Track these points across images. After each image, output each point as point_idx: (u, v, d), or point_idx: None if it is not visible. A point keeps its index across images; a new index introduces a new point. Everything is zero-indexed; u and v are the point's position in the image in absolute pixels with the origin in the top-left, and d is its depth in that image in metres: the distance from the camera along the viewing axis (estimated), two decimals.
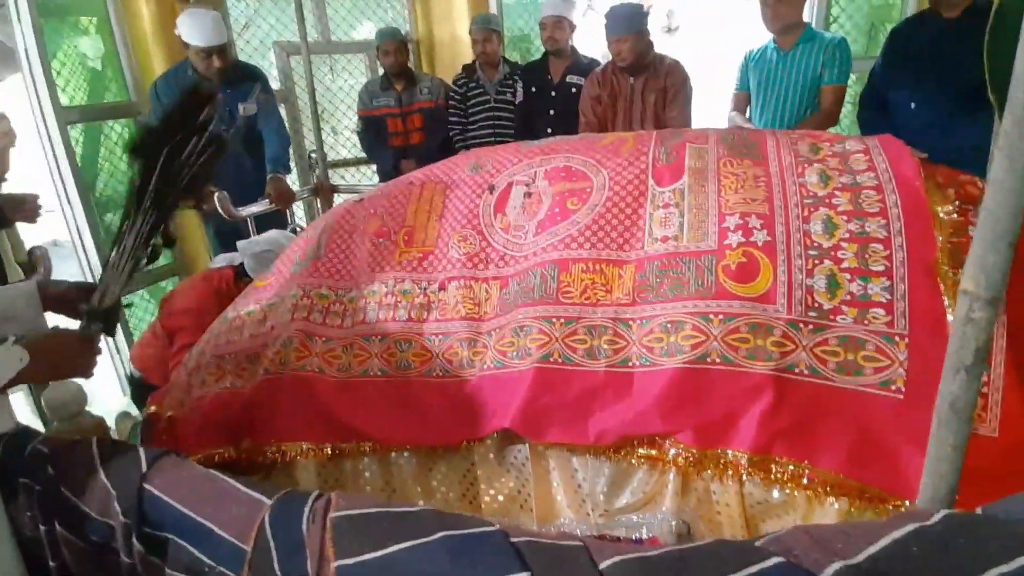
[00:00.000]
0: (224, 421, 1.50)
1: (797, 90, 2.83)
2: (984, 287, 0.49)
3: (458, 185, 1.63)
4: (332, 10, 3.88)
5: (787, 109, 2.87)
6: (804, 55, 2.79)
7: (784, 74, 2.85)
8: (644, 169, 1.45)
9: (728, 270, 1.24)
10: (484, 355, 1.36)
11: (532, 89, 3.36)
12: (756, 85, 2.95)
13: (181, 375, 1.69)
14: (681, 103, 2.89)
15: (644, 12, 2.90)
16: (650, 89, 2.88)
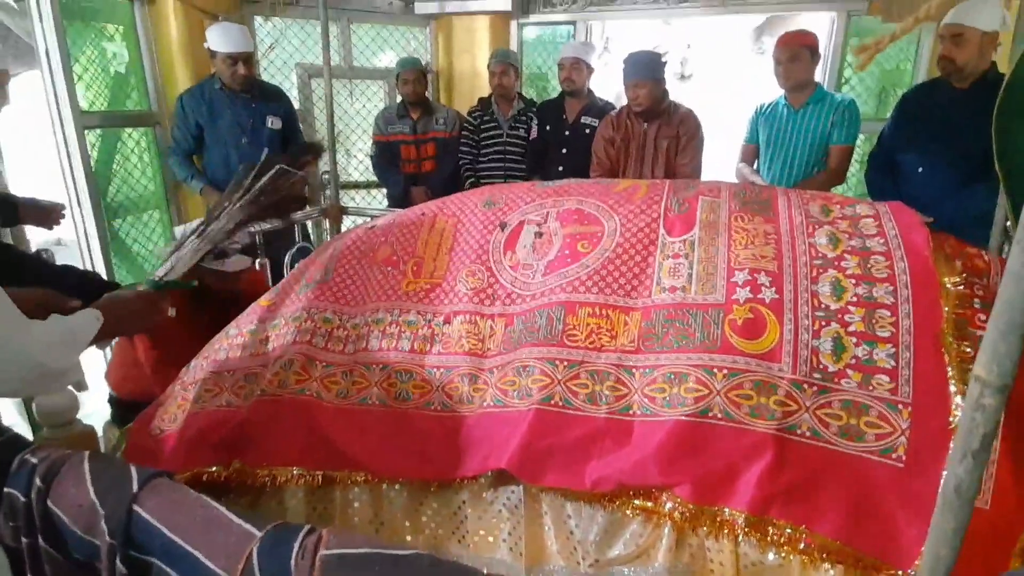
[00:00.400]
0: (216, 440, 1.48)
1: (806, 147, 2.88)
2: (996, 375, 0.50)
3: (470, 220, 1.64)
4: (356, 37, 3.97)
5: (795, 165, 2.92)
6: (814, 114, 2.85)
7: (794, 131, 2.90)
8: (656, 218, 1.46)
9: (735, 325, 1.24)
10: (485, 392, 1.36)
11: (547, 127, 3.42)
12: (765, 139, 3.01)
13: (176, 390, 1.68)
14: (692, 152, 2.94)
15: (662, 60, 2.96)
16: (663, 135, 2.92)
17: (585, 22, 3.88)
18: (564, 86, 3.34)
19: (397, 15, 3.98)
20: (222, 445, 1.47)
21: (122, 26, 3.20)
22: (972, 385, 0.52)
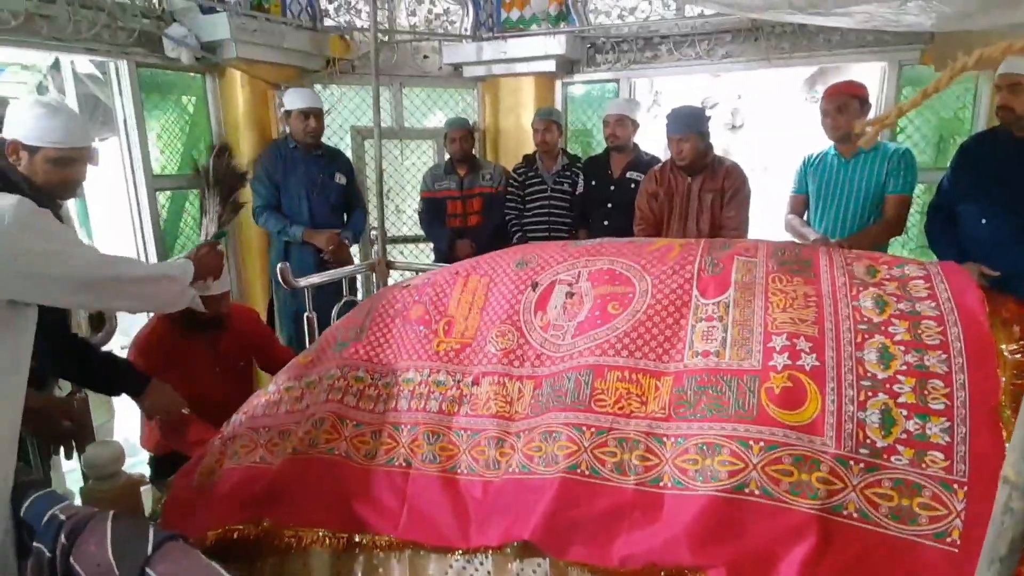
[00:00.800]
0: (248, 497, 1.50)
1: (859, 198, 2.77)
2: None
3: (502, 279, 1.64)
4: (408, 100, 4.16)
5: (848, 216, 2.81)
6: (867, 164, 2.75)
7: (846, 181, 2.81)
8: (689, 279, 1.43)
9: (772, 394, 1.17)
10: (511, 457, 1.33)
11: (593, 182, 3.44)
12: (815, 190, 2.91)
13: (215, 444, 1.71)
14: (738, 205, 2.88)
15: (705, 114, 2.95)
16: (707, 189, 2.89)
17: (628, 79, 3.94)
18: (609, 142, 3.37)
19: (446, 78, 4.15)
20: (254, 502, 1.49)
21: (195, 97, 3.47)
22: (1000, 487, 0.46)
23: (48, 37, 2.62)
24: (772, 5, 1.75)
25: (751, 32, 3.46)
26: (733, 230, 2.83)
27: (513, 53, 3.87)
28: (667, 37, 3.68)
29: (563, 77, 4.01)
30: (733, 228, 2.85)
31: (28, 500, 1.02)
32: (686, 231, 2.89)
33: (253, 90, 3.42)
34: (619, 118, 3.29)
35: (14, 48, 2.73)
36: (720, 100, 8.89)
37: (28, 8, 2.51)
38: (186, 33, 3.03)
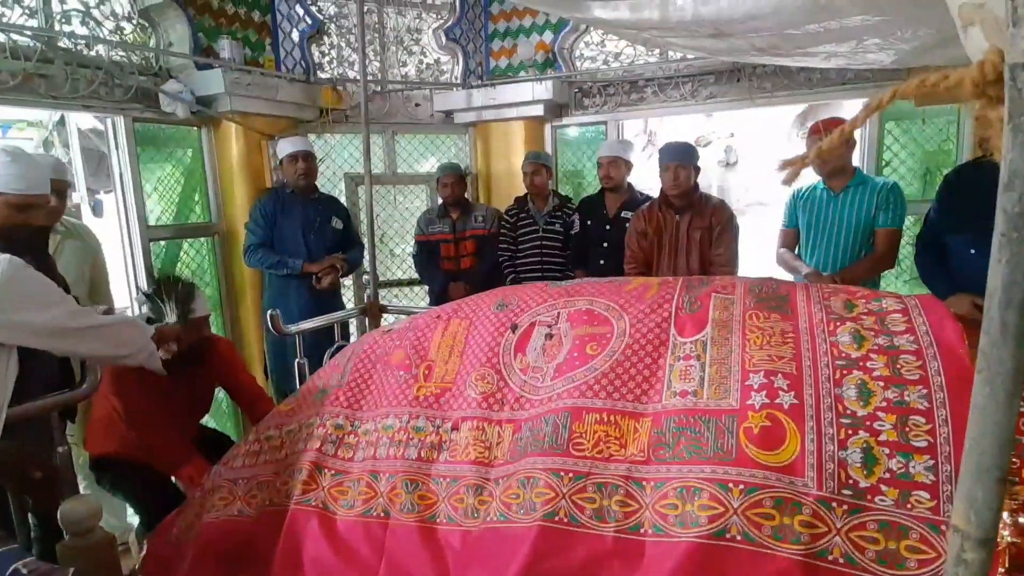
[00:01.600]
0: (223, 552, 1.46)
1: (850, 232, 2.79)
2: (975, 525, 0.42)
3: (482, 322, 1.64)
4: (400, 146, 4.23)
5: (840, 250, 2.82)
6: (856, 198, 2.77)
7: (835, 215, 2.82)
8: (667, 317, 1.42)
9: (750, 433, 1.15)
10: (489, 505, 1.29)
11: (588, 222, 3.46)
12: (806, 224, 2.93)
13: (195, 497, 1.68)
14: (727, 241, 2.90)
15: (696, 153, 3.01)
16: (695, 227, 2.91)
17: (617, 121, 4.01)
18: (603, 183, 3.41)
19: (438, 124, 4.24)
20: (227, 557, 1.45)
21: (191, 149, 3.54)
22: (951, 538, 0.44)
23: (46, 95, 2.70)
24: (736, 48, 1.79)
25: (734, 73, 3.53)
26: (722, 267, 2.83)
27: (502, 99, 3.95)
28: (652, 80, 3.76)
29: (552, 121, 4.08)
30: (722, 264, 2.85)
31: None
32: (676, 269, 2.90)
33: (247, 141, 3.49)
34: (612, 159, 3.34)
35: (15, 107, 2.80)
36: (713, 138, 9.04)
37: (27, 68, 2.59)
38: (182, 88, 3.12)
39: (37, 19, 2.72)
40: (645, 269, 2.99)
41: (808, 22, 1.42)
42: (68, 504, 1.61)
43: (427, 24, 4.15)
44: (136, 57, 3.09)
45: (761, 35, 1.50)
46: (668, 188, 2.89)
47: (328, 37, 3.92)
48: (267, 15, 3.64)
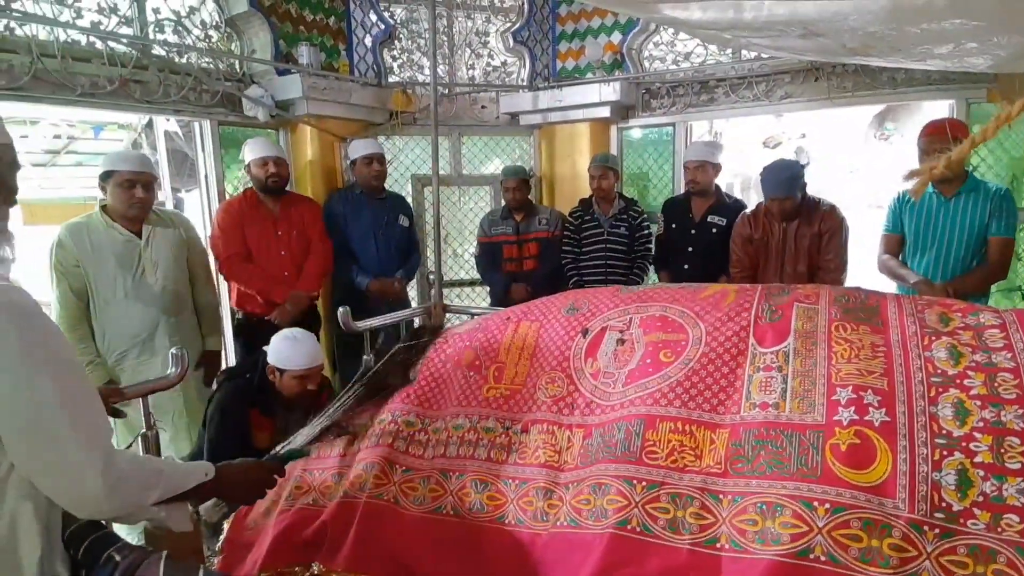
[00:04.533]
0: (300, 539, 1.51)
1: (962, 239, 2.59)
2: None
3: (552, 325, 1.63)
4: (466, 148, 4.29)
5: (950, 258, 2.62)
6: (969, 204, 2.57)
7: (947, 221, 2.62)
8: (745, 326, 1.37)
9: (838, 451, 1.10)
10: (559, 509, 1.29)
11: (672, 225, 3.41)
12: (913, 230, 2.73)
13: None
14: (837, 247, 2.81)
15: (801, 174, 2.88)
16: (803, 233, 2.83)
17: (685, 123, 3.92)
18: (689, 187, 3.35)
19: (504, 126, 4.27)
20: (305, 545, 1.50)
21: None
22: None
23: (141, 100, 2.88)
24: (825, 48, 1.72)
25: (811, 72, 3.40)
26: (832, 272, 2.76)
27: (569, 101, 3.94)
28: (723, 80, 3.67)
29: (618, 122, 4.04)
30: (831, 270, 2.78)
31: (86, 542, 1.06)
32: (782, 274, 2.84)
33: (321, 143, 3.62)
34: (699, 164, 3.26)
35: (112, 111, 3.00)
36: (784, 139, 8.71)
37: (123, 74, 2.77)
38: (263, 93, 3.26)
39: (133, 28, 2.90)
40: (750, 274, 2.95)
41: (905, 23, 1.35)
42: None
43: (495, 27, 4.19)
44: (222, 64, 3.26)
45: (854, 35, 1.44)
46: (773, 216, 2.83)
47: (399, 42, 4.01)
48: (342, 21, 3.77)
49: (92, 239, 2.45)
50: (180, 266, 2.65)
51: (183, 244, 2.67)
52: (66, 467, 0.90)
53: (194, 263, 2.74)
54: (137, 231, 2.51)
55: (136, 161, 2.48)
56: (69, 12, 2.63)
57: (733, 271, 3.04)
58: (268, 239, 3.06)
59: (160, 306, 2.57)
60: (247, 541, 1.65)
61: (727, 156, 3.62)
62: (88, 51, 2.69)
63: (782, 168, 2.89)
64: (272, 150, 3.07)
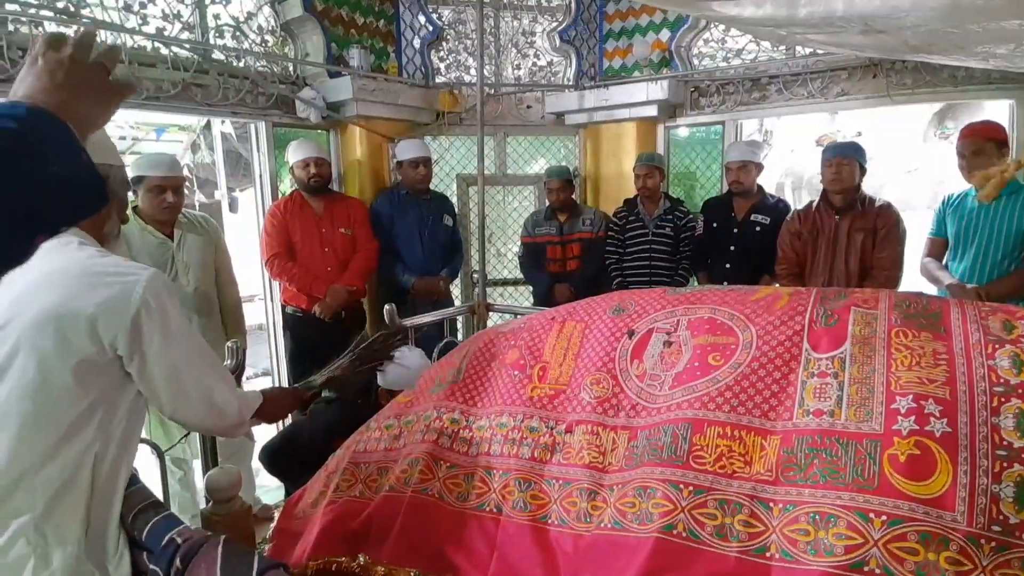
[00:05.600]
0: (347, 531, 1.55)
1: (1000, 242, 2.54)
2: None
3: (598, 325, 1.63)
4: (511, 148, 4.31)
5: (989, 261, 2.58)
6: (1010, 206, 2.51)
7: (986, 224, 2.58)
8: (799, 331, 1.34)
9: (896, 461, 1.06)
10: (603, 511, 1.28)
11: (714, 224, 3.37)
12: (954, 233, 2.71)
13: (320, 476, 1.80)
14: (892, 244, 2.73)
15: (863, 148, 2.87)
16: (857, 228, 2.75)
17: (735, 121, 3.84)
18: (732, 187, 3.31)
19: (549, 126, 4.27)
20: (352, 536, 1.53)
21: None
22: None
23: (202, 103, 3.00)
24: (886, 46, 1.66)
25: (869, 69, 3.28)
26: (885, 270, 2.69)
27: (615, 100, 3.91)
28: (776, 77, 3.57)
29: (665, 121, 3.99)
30: (885, 268, 2.71)
31: (149, 524, 1.11)
32: (833, 271, 2.78)
33: (370, 143, 3.70)
34: (742, 164, 3.23)
35: (174, 113, 3.13)
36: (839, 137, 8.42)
37: (185, 78, 2.89)
38: (315, 95, 3.35)
39: (194, 33, 3.02)
40: (797, 271, 2.90)
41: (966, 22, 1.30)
42: (213, 474, 1.78)
43: (541, 27, 4.19)
44: (277, 67, 3.36)
45: (916, 32, 1.39)
46: (829, 184, 2.77)
47: (446, 43, 4.05)
48: (392, 24, 3.83)
49: (129, 241, 2.54)
50: (209, 268, 2.74)
51: (211, 246, 2.76)
52: (212, 403, 1.19)
53: (220, 264, 2.83)
54: (169, 233, 2.60)
55: (165, 166, 2.54)
56: (135, 19, 2.76)
57: (779, 268, 2.99)
58: (312, 237, 3.16)
59: (191, 307, 2.65)
60: (296, 530, 1.70)
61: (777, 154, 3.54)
62: (153, 56, 2.81)
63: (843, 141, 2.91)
64: (313, 151, 3.16)
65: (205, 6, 3.01)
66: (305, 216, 3.16)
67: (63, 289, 1.02)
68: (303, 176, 3.14)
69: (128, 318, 1.03)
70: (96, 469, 1.11)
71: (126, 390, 1.13)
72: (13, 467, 1.02)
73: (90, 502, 1.11)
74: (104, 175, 1.17)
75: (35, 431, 1.03)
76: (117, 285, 1.04)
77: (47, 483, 1.05)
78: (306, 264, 3.14)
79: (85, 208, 1.14)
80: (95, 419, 1.08)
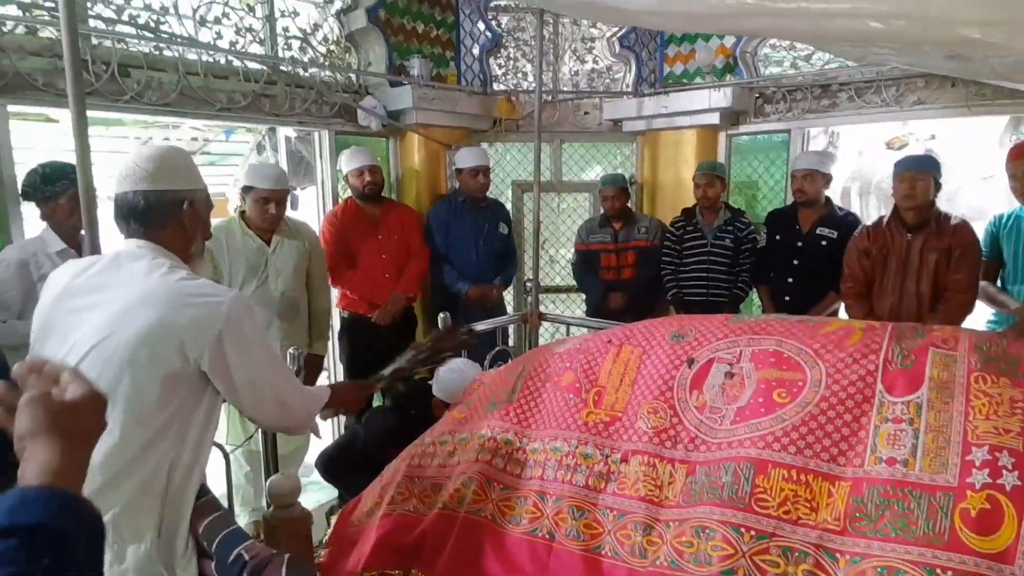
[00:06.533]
0: (400, 544, 1.58)
1: None
2: None
3: (656, 352, 1.60)
4: (567, 155, 4.28)
5: None
6: None
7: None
8: (872, 371, 1.28)
9: (967, 516, 1.01)
10: (659, 548, 1.26)
11: (777, 236, 3.27)
12: (1011, 255, 2.59)
13: (375, 486, 1.84)
14: (968, 266, 2.58)
15: (938, 162, 2.72)
16: (931, 247, 2.61)
17: (801, 129, 3.70)
18: (796, 197, 3.20)
19: (606, 133, 4.22)
20: (405, 550, 1.56)
21: (379, 156, 3.88)
22: None
23: (270, 113, 3.11)
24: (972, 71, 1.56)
25: (947, 78, 3.09)
26: (960, 293, 2.55)
27: (675, 107, 3.83)
28: (847, 84, 3.42)
29: (727, 129, 3.88)
30: (960, 291, 2.57)
31: (219, 536, 1.18)
32: (903, 292, 2.65)
33: (428, 149, 3.75)
34: (808, 173, 3.11)
35: (245, 123, 3.26)
36: (911, 140, 7.99)
37: (255, 89, 3.00)
38: (376, 104, 3.42)
39: (264, 46, 3.13)
40: (864, 291, 2.79)
41: None
42: (276, 479, 1.84)
43: (601, 32, 4.14)
44: (340, 76, 3.45)
45: (1004, 61, 1.30)
46: (901, 200, 2.63)
47: (505, 50, 4.06)
48: (452, 32, 3.87)
49: (229, 243, 2.68)
50: (299, 275, 2.84)
51: (305, 254, 2.86)
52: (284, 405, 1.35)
53: (313, 271, 2.92)
54: (267, 239, 2.72)
55: (272, 179, 2.67)
56: (210, 33, 2.88)
57: (845, 286, 2.87)
58: (369, 244, 3.23)
59: (276, 310, 2.76)
60: (351, 537, 1.74)
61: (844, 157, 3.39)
62: (226, 69, 2.93)
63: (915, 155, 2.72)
64: (367, 159, 3.22)
65: (275, 20, 3.12)
66: (362, 223, 3.24)
67: (157, 310, 1.14)
68: (358, 184, 3.21)
69: (213, 336, 1.15)
70: (171, 474, 1.22)
71: (202, 401, 1.25)
72: (108, 468, 1.12)
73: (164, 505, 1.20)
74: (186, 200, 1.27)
75: (130, 435, 1.14)
76: (204, 307, 1.16)
77: (131, 483, 1.16)
78: (364, 271, 3.22)
79: None
80: (174, 427, 1.19)
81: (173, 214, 1.26)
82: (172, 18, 2.75)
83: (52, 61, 2.40)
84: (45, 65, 2.42)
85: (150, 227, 1.24)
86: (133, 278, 1.19)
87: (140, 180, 1.22)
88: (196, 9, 2.81)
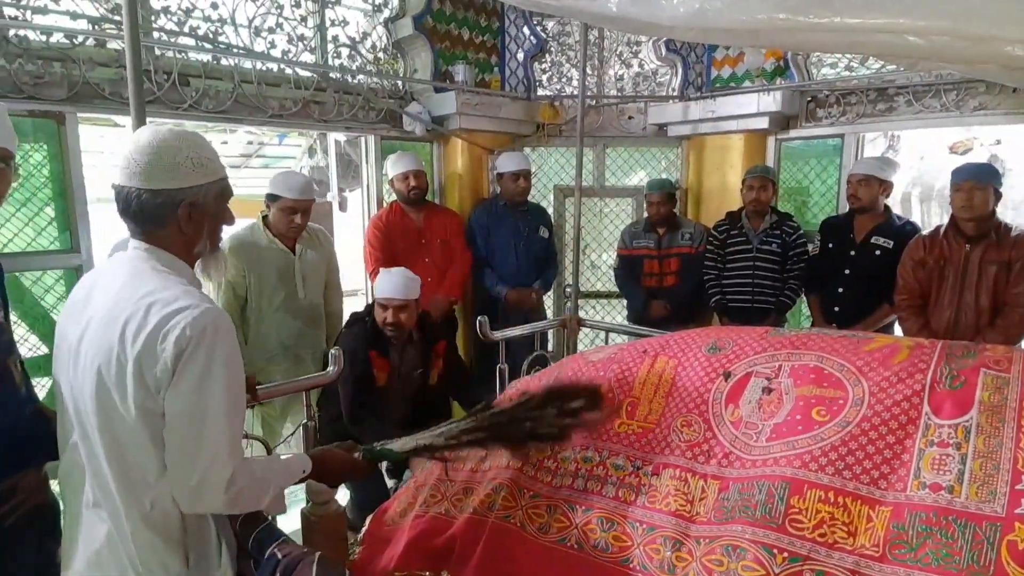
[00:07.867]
0: (431, 547, 1.60)
1: None
2: None
3: (691, 363, 1.57)
4: (610, 159, 4.25)
5: None
6: None
7: None
8: (919, 391, 1.22)
9: (1014, 549, 0.95)
10: (688, 564, 1.24)
11: (830, 244, 3.17)
12: None
13: (409, 487, 1.87)
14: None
15: (998, 171, 2.62)
16: (990, 260, 2.50)
17: (856, 133, 3.57)
18: (849, 202, 3.11)
19: (650, 138, 4.17)
20: (436, 553, 1.58)
21: (423, 161, 3.95)
22: None
23: (319, 119, 3.20)
24: None
25: None
26: (1019, 308, 2.46)
27: (723, 111, 3.76)
28: (905, 88, 3.28)
29: (777, 133, 3.77)
30: (1020, 306, 2.47)
31: (255, 533, 1.21)
32: (961, 306, 2.55)
33: (471, 154, 3.79)
34: (863, 178, 3.01)
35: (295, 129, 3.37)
36: (975, 145, 7.58)
37: (305, 96, 3.09)
38: (421, 109, 3.48)
39: (315, 55, 3.23)
40: (919, 303, 2.70)
41: None
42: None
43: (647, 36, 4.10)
44: (387, 83, 3.52)
45: None
46: (959, 211, 2.53)
47: (549, 55, 4.07)
48: (497, 38, 3.90)
49: (257, 252, 2.75)
50: (321, 281, 2.92)
51: (324, 260, 2.93)
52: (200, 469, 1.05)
53: (330, 276, 3.00)
54: (291, 246, 2.79)
55: (298, 189, 2.71)
56: (264, 43, 2.99)
57: (899, 298, 2.77)
58: (413, 247, 3.29)
59: (303, 318, 2.83)
60: (385, 536, 1.77)
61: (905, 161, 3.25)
62: (278, 77, 3.04)
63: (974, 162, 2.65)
64: (412, 164, 3.28)
65: (326, 28, 3.21)
66: (405, 227, 3.31)
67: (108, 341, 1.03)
68: (403, 188, 3.28)
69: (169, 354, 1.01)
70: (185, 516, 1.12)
71: None
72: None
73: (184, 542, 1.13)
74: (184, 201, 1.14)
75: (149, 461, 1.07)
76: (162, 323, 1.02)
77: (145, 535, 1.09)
78: None
79: None
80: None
81: (169, 215, 1.13)
82: (229, 28, 2.87)
83: (118, 71, 2.54)
84: (112, 75, 2.56)
85: (147, 227, 1.14)
86: (105, 292, 1.10)
87: (134, 175, 1.10)
88: (251, 19, 2.92)
